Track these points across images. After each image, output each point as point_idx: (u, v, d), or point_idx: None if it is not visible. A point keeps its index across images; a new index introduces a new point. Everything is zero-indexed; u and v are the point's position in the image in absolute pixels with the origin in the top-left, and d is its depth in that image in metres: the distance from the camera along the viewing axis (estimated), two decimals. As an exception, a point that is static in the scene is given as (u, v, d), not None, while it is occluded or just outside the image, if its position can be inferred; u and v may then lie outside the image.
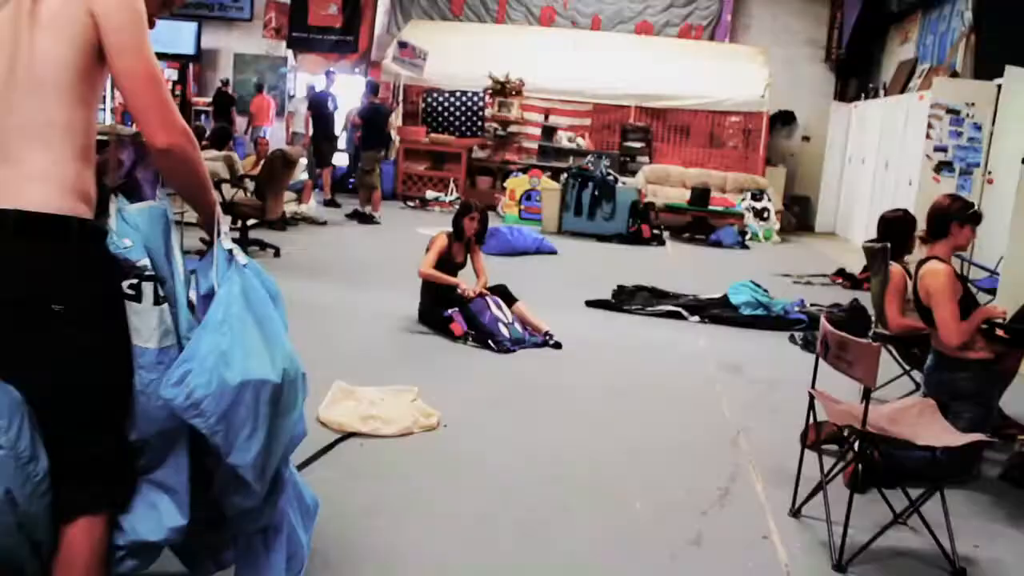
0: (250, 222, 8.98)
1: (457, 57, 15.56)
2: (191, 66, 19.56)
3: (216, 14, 19.89)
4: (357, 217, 11.85)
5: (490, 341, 5.75)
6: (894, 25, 15.46)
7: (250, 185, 8.88)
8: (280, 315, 2.24)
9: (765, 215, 13.84)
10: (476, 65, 15.10)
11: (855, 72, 16.75)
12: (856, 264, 10.70)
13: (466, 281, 6.30)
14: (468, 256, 6.42)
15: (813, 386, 3.56)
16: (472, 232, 6.27)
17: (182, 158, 2.02)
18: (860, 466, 3.56)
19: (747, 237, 13.05)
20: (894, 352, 4.93)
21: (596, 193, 12.14)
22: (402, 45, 15.34)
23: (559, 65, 15.41)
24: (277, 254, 8.62)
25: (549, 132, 15.19)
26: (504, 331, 5.82)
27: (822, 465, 3.47)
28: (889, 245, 4.80)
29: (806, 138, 17.42)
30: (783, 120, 17.27)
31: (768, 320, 7.14)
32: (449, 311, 5.96)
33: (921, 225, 4.52)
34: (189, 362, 1.97)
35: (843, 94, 16.99)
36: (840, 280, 9.94)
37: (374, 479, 3.66)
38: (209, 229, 2.19)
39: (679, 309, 7.23)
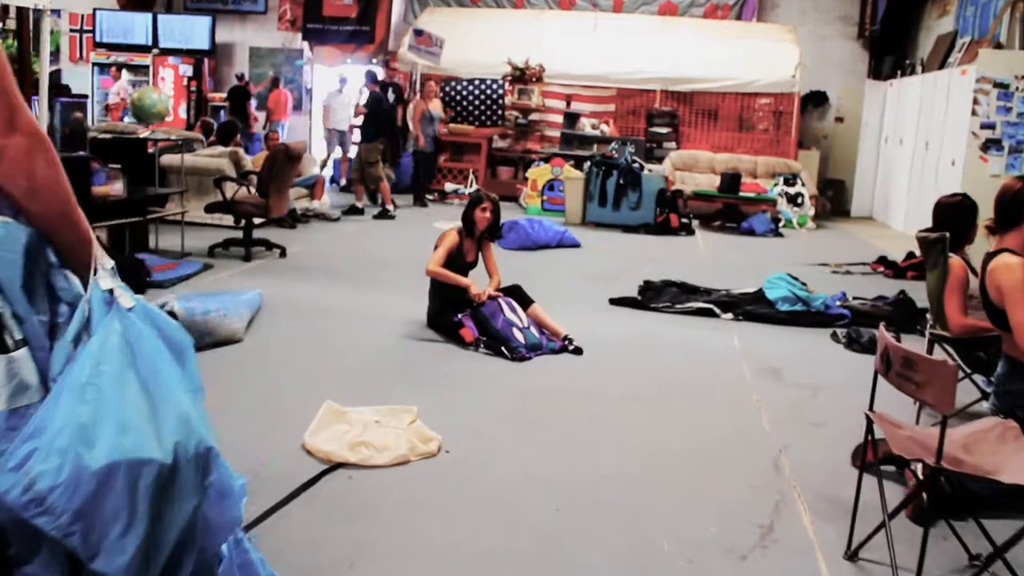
0: (256, 220, 8.57)
1: (475, 44, 15.05)
2: (206, 61, 19.20)
3: (230, 7, 19.54)
4: (355, 212, 11.39)
5: (503, 348, 5.25)
6: (931, -2, 14.77)
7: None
8: (188, 372, 1.70)
9: (799, 200, 13.22)
10: (494, 52, 14.60)
11: (890, 49, 16.03)
12: (897, 250, 10.11)
13: (478, 282, 5.81)
14: (480, 254, 5.92)
15: (871, 407, 3.02)
16: (484, 226, 5.76)
17: (23, 165, 1.51)
18: (926, 496, 3.03)
19: (780, 224, 12.44)
20: (954, 355, 4.38)
21: (621, 182, 11.61)
22: (418, 33, 14.86)
23: (581, 49, 14.85)
24: (283, 254, 8.17)
25: (571, 119, 14.63)
26: (519, 336, 5.32)
27: (883, 494, 2.95)
28: (948, 235, 4.25)
29: (839, 119, 16.73)
30: (815, 101, 16.61)
31: (807, 316, 6.59)
32: (459, 315, 5.47)
33: (986, 212, 3.96)
34: (36, 439, 1.46)
35: (877, 72, 16.29)
36: (882, 269, 9.33)
37: (362, 517, 3.18)
38: (79, 265, 1.65)
39: (710, 306, 6.70)
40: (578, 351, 5.43)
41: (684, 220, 11.56)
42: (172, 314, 4.85)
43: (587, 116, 14.80)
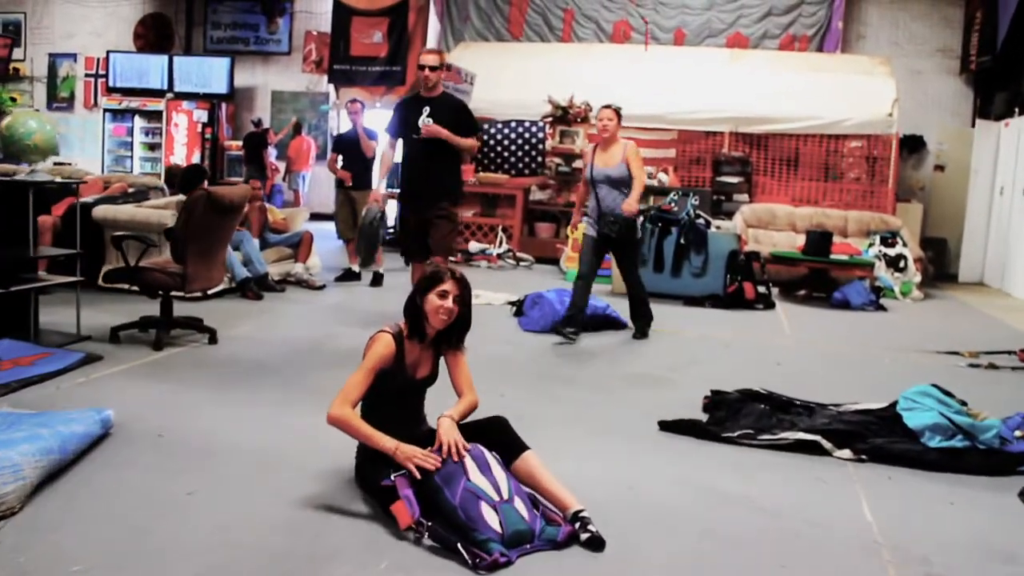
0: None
1: (512, 82, 12.99)
2: (224, 106, 17.47)
3: (252, 48, 17.86)
4: (350, 277, 9.27)
5: (461, 546, 2.93)
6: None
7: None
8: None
9: (901, 264, 10.73)
10: (534, 90, 12.49)
11: (1001, 84, 13.53)
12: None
13: (433, 412, 3.54)
14: (440, 364, 3.64)
15: None
16: (441, 324, 3.50)
17: None
18: None
19: (880, 294, 9.97)
20: None
21: (682, 241, 9.30)
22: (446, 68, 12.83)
23: (634, 85, 12.62)
24: (213, 340, 5.99)
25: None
26: (490, 520, 3.00)
27: None
28: None
29: (939, 167, 14.29)
30: (910, 146, 14.21)
31: (974, 457, 4.15)
32: (393, 475, 3.18)
33: None
34: None
35: (985, 111, 13.83)
36: (1037, 360, 6.85)
37: None
38: None
39: (816, 438, 4.30)
40: (595, 543, 3.06)
41: (761, 290, 9.18)
42: None
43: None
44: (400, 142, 6.71)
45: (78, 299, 5.93)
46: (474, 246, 11.64)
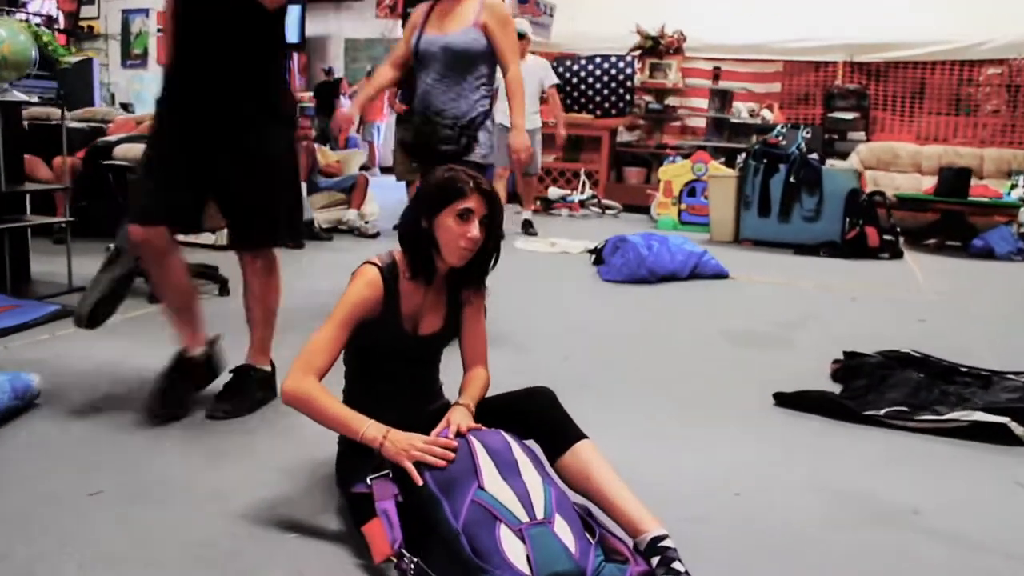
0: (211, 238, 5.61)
1: (596, 12, 11.70)
2: (296, 56, 16.63)
3: (324, -6, 16.93)
4: None
5: (462, 597, 1.84)
6: None
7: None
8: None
9: (1050, 207, 9.18)
10: (621, 20, 11.20)
11: None
12: None
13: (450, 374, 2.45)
14: (452, 319, 2.46)
15: None
16: (462, 257, 2.29)
17: None
18: None
19: (1028, 241, 8.47)
20: None
21: (792, 180, 7.97)
22: (522, 0, 11.65)
23: (732, 11, 11.23)
24: (224, 291, 5.03)
25: (721, 98, 11.03)
26: (514, 554, 1.86)
27: None
28: None
29: (1085, 101, 12.46)
30: (1048, 76, 12.39)
31: None
32: (369, 478, 2.08)
33: None
34: None
35: None
36: None
37: None
38: None
39: (1003, 420, 3.05)
40: (682, 589, 1.94)
41: (886, 237, 7.80)
42: None
43: (743, 99, 11.18)
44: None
45: (68, 243, 5.01)
46: (554, 192, 10.50)
